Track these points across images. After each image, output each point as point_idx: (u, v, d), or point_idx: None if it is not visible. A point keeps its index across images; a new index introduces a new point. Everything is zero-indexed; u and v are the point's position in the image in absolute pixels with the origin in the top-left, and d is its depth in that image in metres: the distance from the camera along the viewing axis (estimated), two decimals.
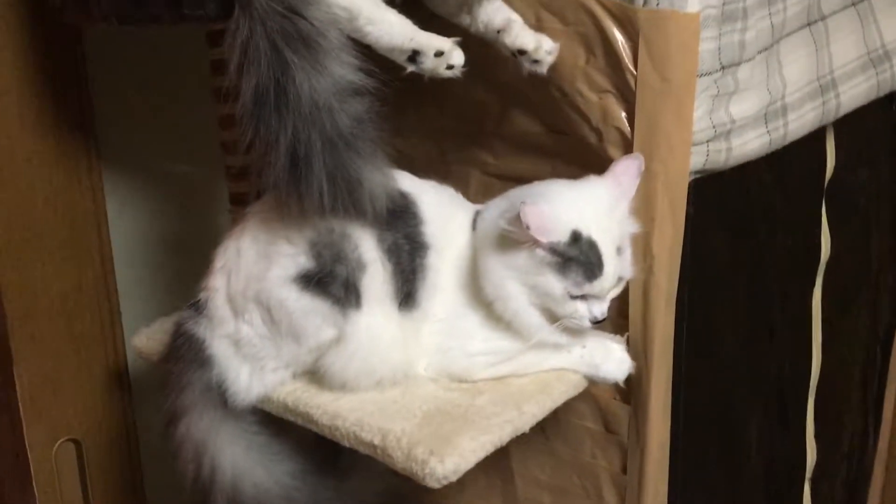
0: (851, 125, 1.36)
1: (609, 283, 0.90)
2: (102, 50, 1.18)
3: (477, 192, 1.19)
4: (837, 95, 1.19)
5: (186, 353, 0.96)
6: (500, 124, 1.14)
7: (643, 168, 0.93)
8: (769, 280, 1.28)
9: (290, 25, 0.81)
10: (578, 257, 0.88)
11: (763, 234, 1.24)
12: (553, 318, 0.92)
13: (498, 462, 1.26)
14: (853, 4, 1.24)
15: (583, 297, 0.90)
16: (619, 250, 0.91)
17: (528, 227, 0.85)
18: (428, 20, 1.00)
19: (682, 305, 1.07)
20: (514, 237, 0.89)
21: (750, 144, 1.05)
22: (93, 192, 1.21)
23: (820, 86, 1.16)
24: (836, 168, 1.36)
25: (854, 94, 1.21)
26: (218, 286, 0.95)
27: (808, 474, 1.52)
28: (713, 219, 1.11)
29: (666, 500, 1.15)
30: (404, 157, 1.25)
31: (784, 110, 1.09)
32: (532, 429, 1.18)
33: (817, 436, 1.50)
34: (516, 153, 1.14)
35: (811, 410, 1.48)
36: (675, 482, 1.15)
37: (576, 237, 0.88)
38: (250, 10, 0.81)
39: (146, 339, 1.11)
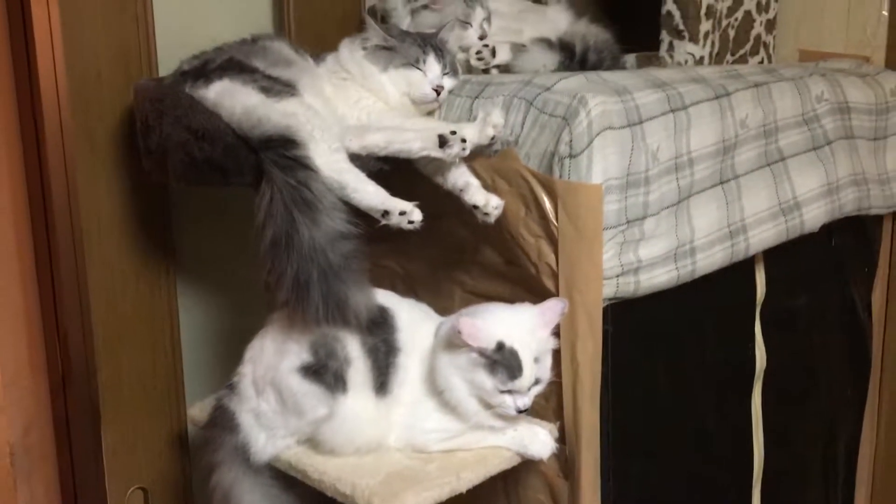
0: (786, 259, 1.64)
1: (528, 382, 1.21)
2: (181, 195, 1.58)
3: (459, 306, 1.50)
4: (747, 239, 1.47)
5: (221, 420, 1.30)
6: (475, 254, 1.46)
7: (566, 310, 1.25)
8: (699, 384, 1.55)
9: (297, 193, 1.17)
10: (502, 361, 1.19)
11: (692, 346, 1.52)
12: (488, 406, 1.23)
13: None
14: (768, 165, 1.54)
15: (509, 392, 1.21)
16: (536, 360, 1.22)
17: (460, 333, 1.17)
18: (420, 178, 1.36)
19: (606, 404, 1.35)
20: (457, 342, 1.21)
21: (658, 278, 1.34)
22: (168, 298, 1.59)
23: (730, 231, 1.45)
24: (768, 294, 1.64)
25: (763, 237, 1.50)
26: (246, 372, 1.30)
27: None
28: (638, 334, 1.40)
29: None
30: (409, 276, 1.61)
31: (692, 252, 1.39)
32: (498, 497, 1.48)
33: None
34: (487, 277, 1.46)
35: (757, 499, 1.71)
36: None
37: (500, 346, 1.19)
38: (272, 182, 1.18)
39: (199, 410, 1.45)
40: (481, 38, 1.54)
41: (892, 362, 2.03)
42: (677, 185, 1.37)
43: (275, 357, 1.26)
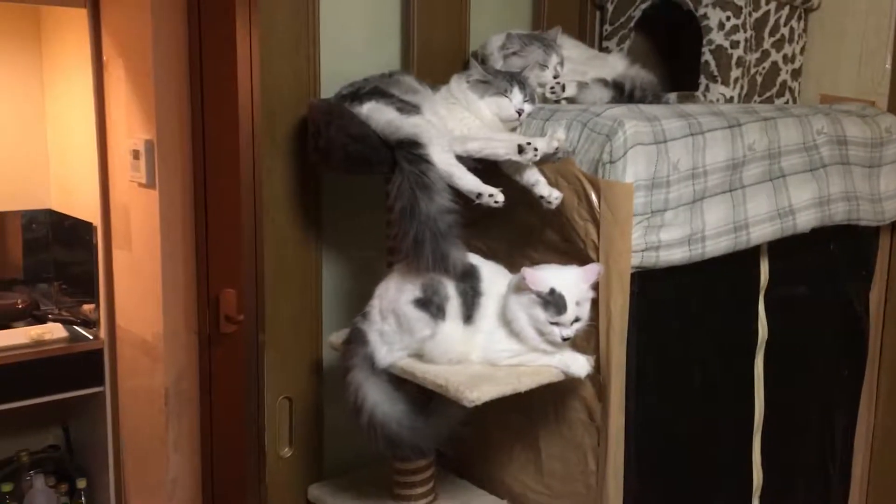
0: (787, 256, 2.11)
1: (570, 318, 1.71)
2: (329, 183, 2.17)
3: None
4: (748, 233, 1.95)
5: (356, 337, 1.85)
6: (541, 235, 1.97)
7: (602, 272, 1.75)
8: (710, 344, 2.02)
9: (419, 179, 1.71)
10: (552, 301, 1.70)
11: (705, 314, 2.00)
12: (541, 333, 1.75)
13: (532, 444, 2.04)
14: (770, 179, 2.02)
15: (556, 324, 1.73)
16: (577, 303, 1.72)
17: (524, 279, 1.70)
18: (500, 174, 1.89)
19: (632, 347, 1.84)
20: (522, 286, 1.73)
21: (674, 256, 1.83)
22: (315, 257, 2.15)
23: (734, 227, 1.93)
24: (770, 281, 2.11)
25: (761, 233, 1.97)
26: (375, 304, 1.85)
27: (757, 494, 2.19)
28: (661, 300, 1.89)
29: (622, 466, 1.89)
30: (491, 251, 2.13)
31: (703, 239, 1.88)
32: (549, 419, 1.98)
33: (764, 463, 2.18)
34: (549, 252, 1.96)
35: (757, 445, 2.17)
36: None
37: (552, 290, 1.71)
38: (402, 170, 1.73)
39: (335, 337, 2.02)
40: (555, 77, 2.07)
41: (890, 353, 2.45)
42: (693, 189, 1.86)
43: (396, 293, 1.81)
